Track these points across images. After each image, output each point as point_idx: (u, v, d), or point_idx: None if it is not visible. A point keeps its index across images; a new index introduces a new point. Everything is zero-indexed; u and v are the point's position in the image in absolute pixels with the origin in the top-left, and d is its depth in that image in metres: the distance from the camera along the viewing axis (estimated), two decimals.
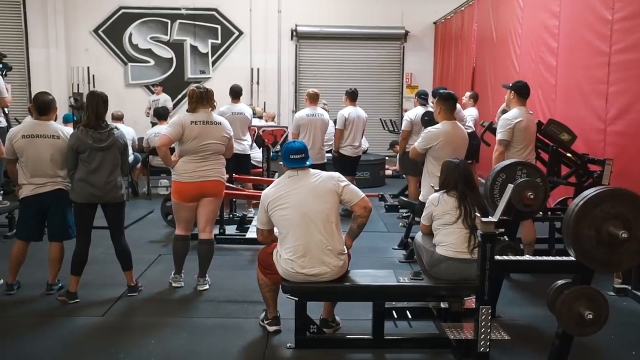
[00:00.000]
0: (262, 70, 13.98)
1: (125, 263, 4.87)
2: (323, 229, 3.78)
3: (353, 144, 8.08)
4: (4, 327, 4.28)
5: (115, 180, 4.65)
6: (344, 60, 14.16)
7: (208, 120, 4.83)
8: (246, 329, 4.28)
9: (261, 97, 13.98)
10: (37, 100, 4.75)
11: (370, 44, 14.25)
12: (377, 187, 10.00)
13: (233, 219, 7.13)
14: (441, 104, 5.29)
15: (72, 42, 13.63)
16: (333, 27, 13.91)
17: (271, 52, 14.01)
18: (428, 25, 14.15)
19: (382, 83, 14.36)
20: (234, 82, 8.09)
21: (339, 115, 8.08)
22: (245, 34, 14.03)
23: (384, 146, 13.03)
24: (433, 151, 5.23)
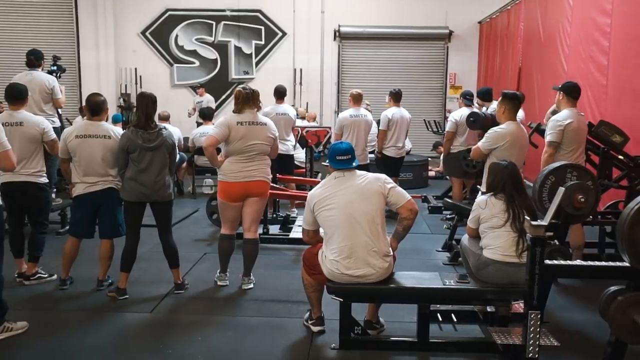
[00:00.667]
0: (305, 70, 14.05)
1: (173, 261, 4.97)
2: (369, 231, 3.78)
3: (396, 144, 8.04)
4: (57, 321, 4.42)
5: (163, 180, 4.74)
6: (386, 60, 14.11)
7: (254, 121, 4.88)
8: (290, 328, 4.31)
9: (304, 98, 14.05)
10: (89, 101, 4.89)
11: (413, 44, 14.16)
12: (420, 189, 9.92)
13: (276, 219, 7.19)
14: (505, 104, 5.21)
15: (120, 44, 13.98)
16: (376, 28, 13.88)
17: (314, 52, 14.07)
18: (473, 24, 13.97)
19: (425, 83, 14.25)
20: (277, 83, 8.14)
21: (382, 116, 8.05)
22: (288, 35, 14.12)
23: (427, 147, 12.93)
24: (498, 152, 5.12)
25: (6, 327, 4.01)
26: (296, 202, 7.79)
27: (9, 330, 4.01)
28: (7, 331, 4.00)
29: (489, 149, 5.17)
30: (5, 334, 3.99)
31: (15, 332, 4.03)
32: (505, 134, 5.13)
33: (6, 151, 3.91)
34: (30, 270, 5.13)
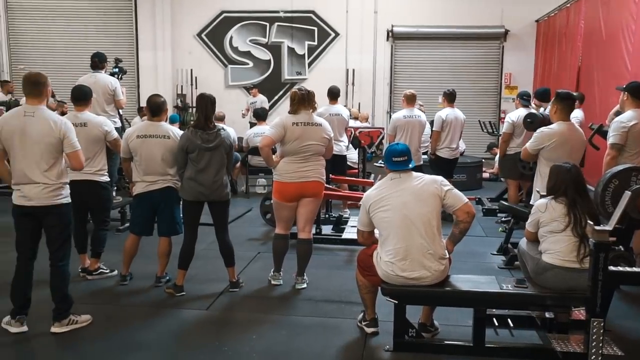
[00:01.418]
0: (358, 71, 14.03)
1: (228, 259, 5.05)
2: (424, 233, 3.75)
3: (450, 145, 7.94)
4: (118, 315, 4.56)
5: (221, 180, 4.83)
6: (440, 60, 13.93)
7: (309, 121, 4.91)
8: (344, 329, 4.32)
9: (356, 98, 14.03)
10: (150, 102, 5.02)
11: (467, 43, 13.92)
12: (474, 190, 9.77)
13: (329, 219, 7.21)
14: (558, 104, 5.09)
15: (177, 46, 14.30)
16: (429, 27, 13.72)
17: (367, 53, 14.03)
18: (529, 23, 13.63)
19: (480, 84, 13.99)
20: (329, 83, 8.16)
21: (436, 117, 7.97)
22: (341, 35, 14.13)
23: (482, 148, 12.72)
24: (545, 152, 5.02)
25: (72, 320, 4.17)
26: (349, 203, 7.80)
27: (75, 323, 4.18)
28: (72, 324, 4.16)
29: (536, 149, 5.08)
30: (71, 326, 4.15)
31: (80, 325, 4.19)
32: (552, 134, 5.01)
33: (76, 151, 4.05)
34: (93, 266, 5.31)
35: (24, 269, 4.10)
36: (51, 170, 3.98)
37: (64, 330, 4.12)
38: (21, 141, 3.94)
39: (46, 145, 3.95)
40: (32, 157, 3.94)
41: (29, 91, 4.02)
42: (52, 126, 3.96)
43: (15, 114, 4.04)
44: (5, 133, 3.97)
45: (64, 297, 4.15)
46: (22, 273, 4.10)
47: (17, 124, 3.96)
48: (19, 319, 4.07)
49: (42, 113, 3.99)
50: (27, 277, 4.11)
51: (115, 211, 6.78)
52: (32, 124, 3.94)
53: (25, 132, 3.93)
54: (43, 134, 3.94)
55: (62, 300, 4.14)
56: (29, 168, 3.94)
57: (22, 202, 4.00)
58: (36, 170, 3.95)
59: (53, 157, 3.99)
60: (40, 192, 3.96)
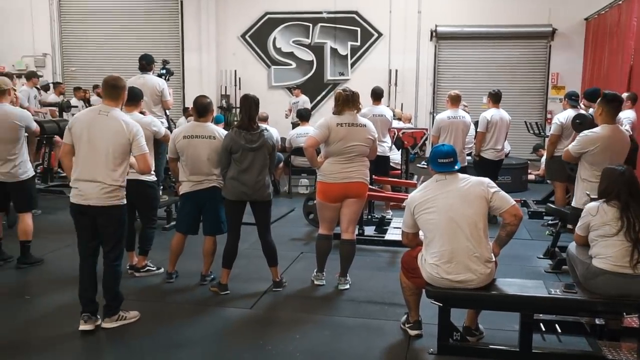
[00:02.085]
0: (400, 71, 13.94)
1: (271, 259, 5.09)
2: (470, 235, 3.70)
3: (495, 147, 7.81)
4: (164, 313, 4.65)
5: (264, 180, 4.87)
6: (485, 60, 13.72)
7: (353, 122, 4.91)
8: (387, 330, 4.30)
9: (398, 99, 13.94)
10: (196, 103, 5.10)
11: (513, 43, 13.67)
12: (519, 192, 9.59)
13: (372, 220, 7.19)
14: (604, 106, 4.96)
15: (221, 47, 14.49)
16: (474, 27, 13.53)
17: (410, 53, 13.92)
18: (578, 21, 13.29)
19: (525, 84, 13.72)
20: (372, 84, 8.13)
21: (481, 118, 7.85)
22: (384, 36, 14.07)
23: (527, 149, 12.48)
24: (588, 156, 4.93)
25: (121, 316, 4.27)
26: (391, 204, 7.76)
27: (124, 319, 4.28)
28: (121, 319, 4.26)
29: (578, 152, 4.98)
30: (120, 322, 4.25)
31: (128, 321, 4.29)
32: (596, 138, 4.89)
33: (144, 154, 4.14)
34: (141, 263, 5.43)
35: (85, 267, 4.19)
36: (115, 171, 4.06)
37: (113, 326, 4.22)
38: (90, 138, 4.04)
39: (115, 146, 4.04)
40: (99, 155, 4.03)
41: (108, 93, 4.16)
42: (123, 127, 4.06)
43: (90, 112, 4.19)
44: (76, 128, 4.08)
45: (115, 295, 4.25)
46: (84, 271, 4.19)
47: (89, 121, 4.08)
48: (84, 316, 4.16)
49: (116, 114, 4.11)
50: (90, 275, 4.19)
51: (161, 210, 6.90)
52: (104, 123, 4.05)
53: (96, 130, 4.03)
54: (113, 132, 4.03)
55: (113, 298, 4.25)
56: (94, 166, 4.03)
57: (78, 201, 4.09)
58: (101, 169, 4.02)
59: (120, 158, 4.07)
60: (98, 192, 4.03)
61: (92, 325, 4.16)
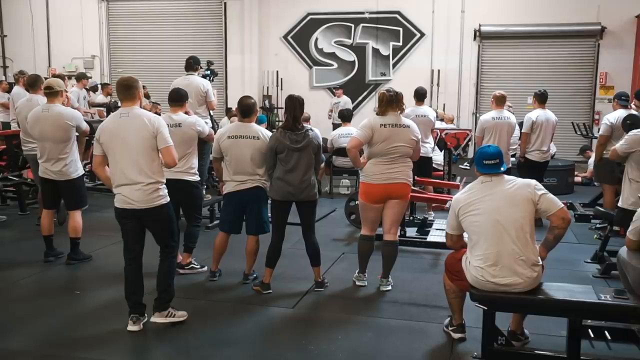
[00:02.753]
0: (443, 71, 13.82)
1: (314, 259, 5.10)
2: (516, 238, 3.63)
3: (541, 148, 7.65)
4: (208, 311, 4.71)
5: (309, 180, 4.89)
6: (530, 60, 13.50)
7: (397, 123, 4.88)
8: (430, 333, 4.27)
9: (440, 99, 13.83)
10: (241, 103, 5.15)
11: (559, 42, 13.41)
12: (565, 195, 9.36)
13: (414, 222, 7.14)
14: None
15: (264, 48, 14.64)
16: (519, 26, 13.31)
17: (452, 53, 13.79)
18: (628, 19, 12.93)
19: (572, 84, 13.44)
20: (414, 84, 8.08)
21: (526, 118, 7.71)
22: (426, 36, 13.97)
23: (573, 151, 12.21)
24: (636, 156, 4.79)
25: (170, 313, 4.32)
26: (433, 205, 7.69)
27: (172, 316, 4.32)
28: (170, 316, 4.31)
29: (625, 151, 4.86)
30: (169, 319, 4.30)
31: (177, 319, 4.32)
32: None
33: (169, 147, 4.17)
34: (185, 260, 5.52)
35: (131, 270, 4.26)
36: (150, 168, 4.12)
37: (162, 321, 4.26)
38: (119, 142, 4.10)
39: (142, 141, 4.08)
40: (130, 156, 4.09)
41: (123, 94, 4.22)
42: (146, 122, 4.11)
43: (112, 118, 4.25)
44: (104, 137, 4.15)
45: (167, 287, 4.30)
46: (130, 274, 4.27)
47: (114, 127, 4.15)
48: (132, 317, 4.24)
49: (136, 112, 4.16)
50: (136, 277, 4.26)
51: (204, 209, 7.00)
52: (127, 124, 4.11)
53: (123, 132, 4.10)
54: (138, 130, 4.09)
55: (165, 290, 4.29)
56: (128, 168, 4.09)
57: (122, 205, 4.17)
58: (135, 169, 4.09)
59: (149, 154, 4.12)
60: (140, 194, 4.09)
61: (140, 326, 4.24)
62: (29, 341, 4.13)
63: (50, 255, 5.83)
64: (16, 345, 4.05)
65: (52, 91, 5.63)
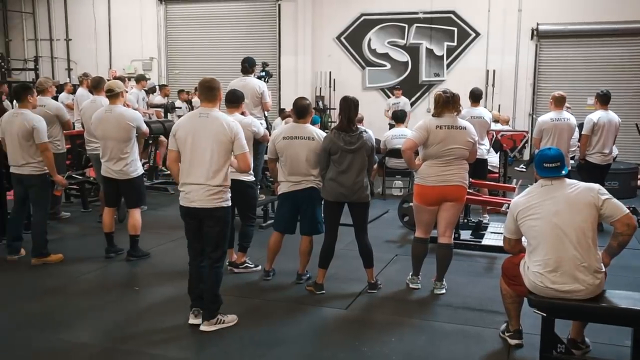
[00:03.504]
0: (498, 71, 13.55)
1: (367, 260, 5.10)
2: (578, 244, 3.53)
3: (602, 150, 7.41)
4: (262, 310, 4.78)
5: (362, 181, 4.88)
6: (590, 59, 13.09)
7: (453, 124, 4.83)
8: (485, 338, 4.20)
9: (495, 100, 13.57)
10: (296, 104, 5.19)
11: (622, 40, 12.93)
12: (628, 199, 9.03)
13: (468, 224, 7.04)
14: None
15: (317, 49, 14.71)
16: (579, 24, 12.92)
17: (509, 53, 13.51)
18: None
19: (636, 84, 12.93)
20: (468, 85, 7.97)
21: (586, 120, 7.48)
22: (482, 35, 13.74)
23: (637, 153, 11.76)
24: None
25: (219, 320, 4.35)
26: (488, 208, 7.56)
27: (222, 323, 4.36)
28: (219, 323, 4.35)
29: None
30: (218, 325, 4.33)
31: (226, 325, 4.36)
32: None
33: (245, 153, 4.24)
34: (240, 260, 5.61)
35: (195, 266, 4.37)
36: (220, 171, 4.17)
37: (211, 329, 4.30)
38: (194, 142, 4.17)
39: (218, 145, 4.15)
40: (204, 157, 4.15)
41: (204, 95, 4.30)
42: (224, 126, 4.16)
43: (191, 116, 4.33)
44: (180, 134, 4.23)
45: (214, 298, 4.32)
46: (194, 270, 4.37)
47: (191, 126, 4.22)
48: (194, 311, 4.35)
49: (216, 114, 4.22)
50: (198, 274, 4.36)
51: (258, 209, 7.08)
52: (206, 125, 4.18)
53: (199, 133, 4.17)
54: (216, 132, 4.15)
55: (213, 301, 4.32)
56: (200, 168, 4.16)
57: (185, 203, 4.26)
58: (206, 171, 4.15)
59: (223, 158, 4.18)
60: (203, 194, 4.16)
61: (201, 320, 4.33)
62: (92, 334, 4.28)
63: (111, 252, 6.02)
64: (80, 338, 4.20)
65: (113, 93, 5.82)
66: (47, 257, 5.81)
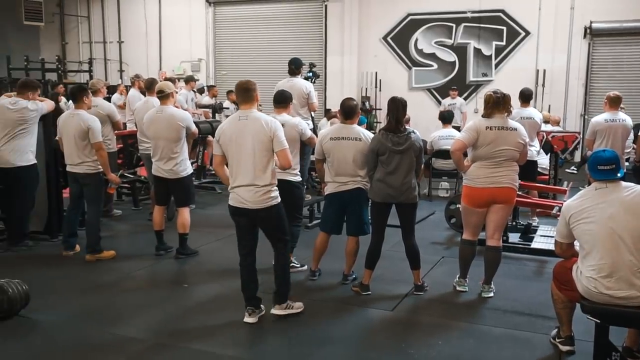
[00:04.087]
0: (549, 71, 13.24)
1: (414, 262, 5.07)
2: (634, 249, 3.42)
3: None
4: (308, 309, 4.75)
5: (410, 182, 4.86)
6: None
7: (503, 125, 4.75)
8: (535, 343, 4.12)
9: (545, 100, 13.26)
10: (343, 105, 5.19)
11: None
12: None
13: (516, 227, 6.90)
14: None
15: (363, 49, 14.67)
16: (635, 22, 12.49)
17: (560, 52, 13.18)
18: None
19: None
20: (517, 85, 7.81)
21: None
22: (532, 34, 13.45)
23: None
24: None
25: (289, 305, 4.53)
26: (538, 211, 7.40)
27: (291, 308, 4.52)
28: (289, 308, 4.52)
29: None
30: (288, 310, 4.51)
31: (295, 311, 4.53)
32: None
33: (284, 150, 4.30)
34: None
35: (246, 265, 4.45)
36: (264, 171, 4.26)
37: (282, 313, 4.46)
38: (238, 145, 4.27)
39: (260, 144, 4.24)
40: (247, 158, 4.25)
41: (242, 97, 4.39)
42: (263, 125, 4.26)
43: (232, 120, 4.41)
44: (224, 139, 4.33)
45: (284, 281, 4.49)
46: (245, 269, 4.46)
47: (234, 129, 4.31)
48: (248, 309, 4.43)
49: (254, 114, 4.32)
50: (250, 272, 4.45)
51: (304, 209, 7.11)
52: (246, 127, 4.27)
53: (242, 135, 4.26)
54: (256, 132, 4.24)
55: (283, 284, 4.48)
56: (244, 170, 4.25)
57: (236, 204, 4.35)
58: (251, 172, 4.24)
59: (266, 157, 4.27)
60: (254, 195, 4.26)
61: (256, 319, 4.42)
62: (143, 329, 4.39)
63: (161, 249, 6.16)
64: (131, 333, 4.31)
65: (163, 94, 5.94)
66: (100, 253, 5.99)
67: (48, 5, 16.98)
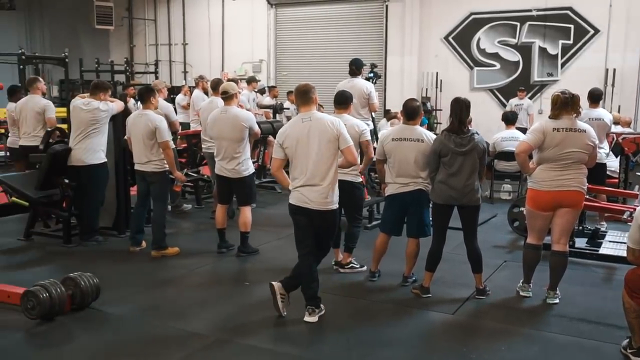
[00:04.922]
0: (619, 70, 12.73)
1: (476, 265, 4.98)
2: None
3: None
4: (368, 310, 4.80)
5: (473, 184, 4.78)
6: None
7: (572, 127, 4.61)
8: (604, 353, 3.98)
9: (615, 101, 12.75)
10: (406, 106, 5.15)
11: None
12: None
13: (584, 232, 6.68)
14: None
15: (424, 49, 14.51)
16: None
17: (631, 50, 12.65)
18: None
19: None
20: (585, 85, 7.58)
21: None
22: (601, 32, 12.96)
23: None
24: None
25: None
26: (607, 215, 7.14)
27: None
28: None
29: None
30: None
31: None
32: None
33: (350, 146, 4.34)
34: (345, 260, 5.66)
35: (305, 263, 4.48)
36: (329, 171, 4.31)
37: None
38: (303, 146, 4.31)
39: (326, 143, 4.28)
40: (313, 159, 4.29)
41: (301, 100, 4.46)
42: (328, 124, 4.31)
43: (295, 122, 4.46)
44: (288, 142, 4.38)
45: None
46: (304, 267, 4.48)
47: (298, 132, 4.36)
48: (308, 309, 4.46)
49: (317, 115, 4.37)
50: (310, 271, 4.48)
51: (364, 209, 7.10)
52: (311, 127, 4.31)
53: (307, 136, 4.30)
54: (321, 132, 4.29)
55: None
56: (313, 171, 4.30)
57: (297, 202, 4.39)
58: (318, 173, 4.29)
59: (332, 156, 4.32)
60: (317, 196, 4.31)
61: (316, 318, 4.44)
62: (205, 325, 4.48)
63: (223, 247, 6.28)
64: (194, 328, 4.41)
65: (227, 95, 6.05)
66: (165, 249, 6.16)
67: (118, 10, 17.64)
